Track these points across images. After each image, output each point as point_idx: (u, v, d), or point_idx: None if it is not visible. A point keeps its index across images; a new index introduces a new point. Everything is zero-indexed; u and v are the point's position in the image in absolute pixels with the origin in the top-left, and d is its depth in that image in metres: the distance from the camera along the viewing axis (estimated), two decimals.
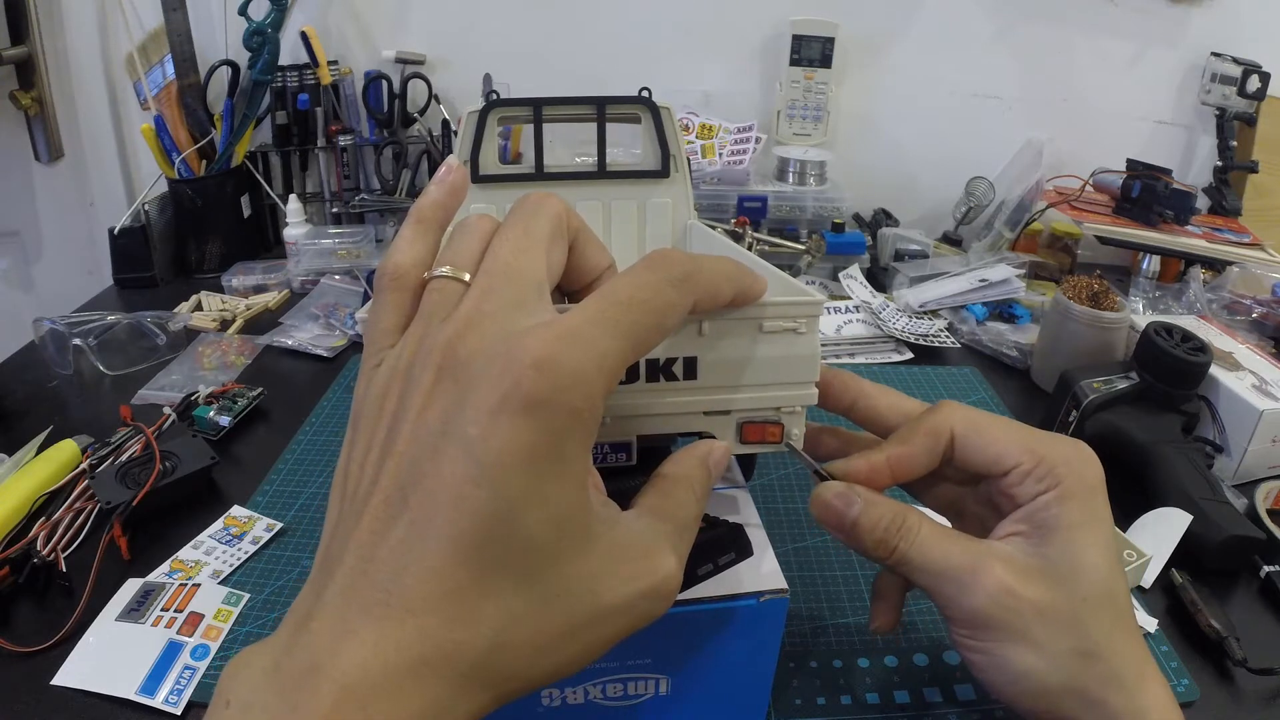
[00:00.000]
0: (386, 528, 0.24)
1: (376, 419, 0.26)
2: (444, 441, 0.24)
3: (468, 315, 0.26)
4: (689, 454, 0.32)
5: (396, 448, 0.25)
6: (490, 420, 0.23)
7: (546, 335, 0.24)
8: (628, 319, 0.26)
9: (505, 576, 0.24)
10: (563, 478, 0.24)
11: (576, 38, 1.09)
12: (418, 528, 0.23)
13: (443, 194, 0.31)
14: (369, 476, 0.25)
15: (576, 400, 0.24)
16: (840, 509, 0.35)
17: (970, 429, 0.37)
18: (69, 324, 0.77)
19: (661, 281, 0.27)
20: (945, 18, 1.08)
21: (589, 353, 0.24)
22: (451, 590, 0.23)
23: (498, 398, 0.23)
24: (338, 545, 0.25)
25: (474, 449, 0.23)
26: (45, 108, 1.04)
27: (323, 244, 0.97)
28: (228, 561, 0.54)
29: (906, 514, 0.35)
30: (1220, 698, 0.46)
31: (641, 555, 0.27)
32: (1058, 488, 0.34)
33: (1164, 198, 0.96)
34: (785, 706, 0.44)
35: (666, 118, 0.55)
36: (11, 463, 0.62)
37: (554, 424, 0.24)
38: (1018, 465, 0.35)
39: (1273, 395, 0.63)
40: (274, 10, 0.97)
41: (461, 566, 0.23)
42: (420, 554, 0.23)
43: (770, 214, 0.99)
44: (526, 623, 0.24)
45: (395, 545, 0.23)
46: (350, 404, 0.28)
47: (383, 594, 0.23)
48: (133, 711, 0.44)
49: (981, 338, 0.84)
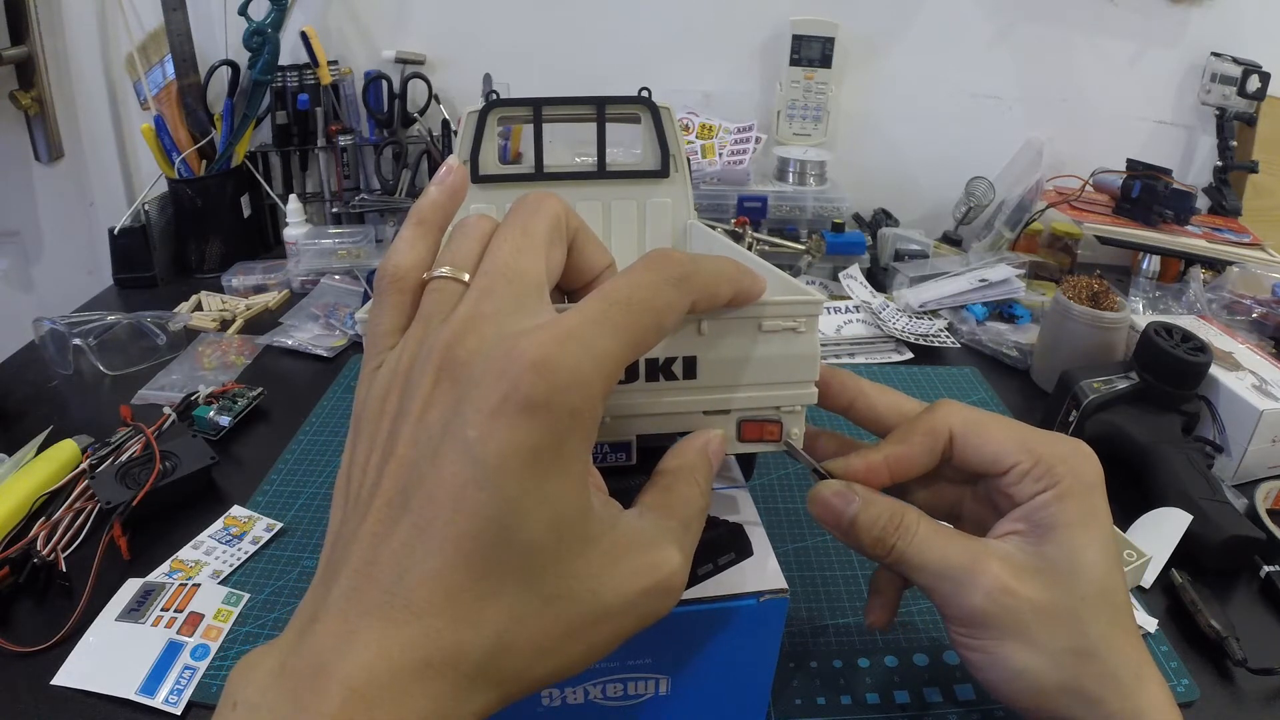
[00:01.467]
0: (389, 530, 0.24)
1: (377, 421, 0.26)
2: (444, 444, 0.24)
3: (466, 316, 0.26)
4: (688, 445, 0.32)
5: (397, 450, 0.25)
6: (489, 422, 0.23)
7: (545, 336, 0.24)
8: (626, 319, 0.26)
9: (507, 578, 0.24)
10: (563, 478, 0.24)
11: (576, 38, 1.09)
12: (420, 530, 0.23)
13: (443, 195, 0.31)
14: (370, 479, 0.25)
15: (576, 401, 0.24)
16: (838, 507, 0.35)
17: (969, 428, 0.37)
18: (69, 324, 0.77)
19: (660, 281, 0.27)
20: (945, 18, 1.08)
21: (588, 353, 0.24)
22: (454, 592, 0.23)
23: (497, 399, 0.23)
24: (341, 548, 0.25)
25: (474, 451, 0.23)
26: (45, 108, 1.04)
27: (323, 244, 0.97)
28: (228, 561, 0.54)
29: (905, 512, 0.35)
30: (1220, 698, 0.46)
31: (643, 553, 0.27)
32: (1056, 486, 0.34)
33: (1164, 198, 0.96)
34: (785, 706, 0.44)
35: (666, 118, 0.55)
36: (11, 463, 0.62)
37: (553, 425, 0.24)
38: (1016, 464, 0.35)
39: (1273, 395, 0.63)
40: (274, 10, 0.97)
41: (463, 568, 0.23)
42: (422, 556, 0.23)
43: (770, 214, 0.99)
44: (529, 623, 0.24)
45: (398, 547, 0.23)
46: (351, 404, 0.28)
47: (386, 596, 0.23)
48: (133, 711, 0.44)
49: (981, 338, 0.84)
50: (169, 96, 0.98)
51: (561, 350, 0.24)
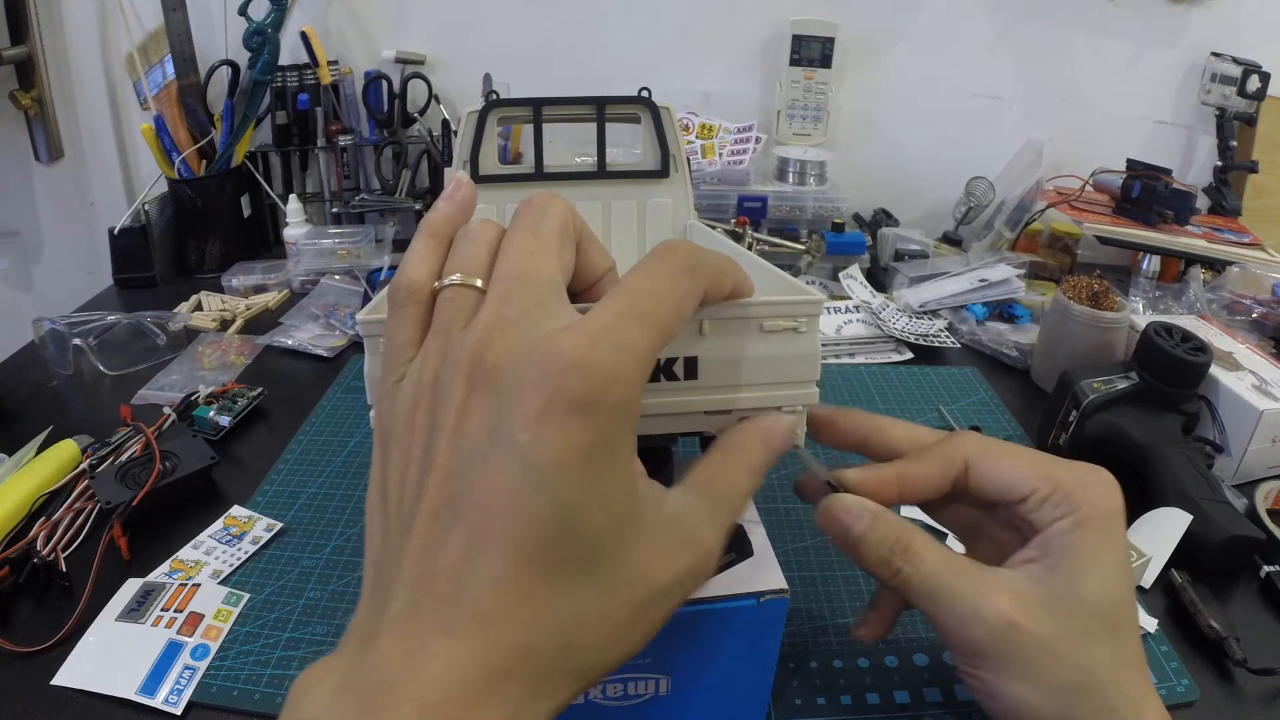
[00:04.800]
0: (440, 542, 0.24)
1: (409, 434, 0.26)
2: (492, 450, 0.24)
3: (490, 321, 0.26)
4: (753, 427, 0.32)
5: (437, 461, 0.25)
6: (539, 424, 0.23)
7: (579, 336, 0.24)
8: (653, 310, 0.26)
9: (570, 577, 0.24)
10: (614, 473, 0.25)
11: (576, 38, 1.09)
12: (476, 538, 0.23)
13: (452, 208, 0.31)
14: (411, 493, 0.25)
15: (619, 396, 0.24)
16: (846, 523, 0.35)
17: (983, 457, 0.36)
18: (69, 324, 0.77)
19: (676, 270, 0.28)
20: (945, 18, 1.08)
21: (623, 349, 0.25)
22: (519, 598, 0.23)
23: (542, 402, 0.23)
24: (389, 562, 0.25)
25: (526, 455, 0.23)
26: (45, 108, 1.04)
27: (323, 244, 0.97)
28: (228, 561, 0.54)
29: (913, 536, 0.35)
30: (1220, 698, 0.46)
31: (684, 531, 0.27)
32: (1074, 514, 0.34)
33: (1164, 198, 0.96)
34: (785, 706, 0.44)
35: (666, 118, 0.55)
36: (11, 463, 0.62)
37: (601, 422, 0.24)
38: (1034, 491, 0.35)
39: (1273, 395, 0.63)
40: (274, 10, 0.97)
41: (526, 573, 0.23)
42: (483, 565, 0.23)
43: (770, 214, 0.99)
44: (594, 617, 0.24)
45: (455, 558, 0.23)
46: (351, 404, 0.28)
47: (449, 607, 0.23)
48: (133, 711, 0.44)
49: (981, 338, 0.84)
50: (169, 96, 0.98)
51: (598, 348, 0.24)
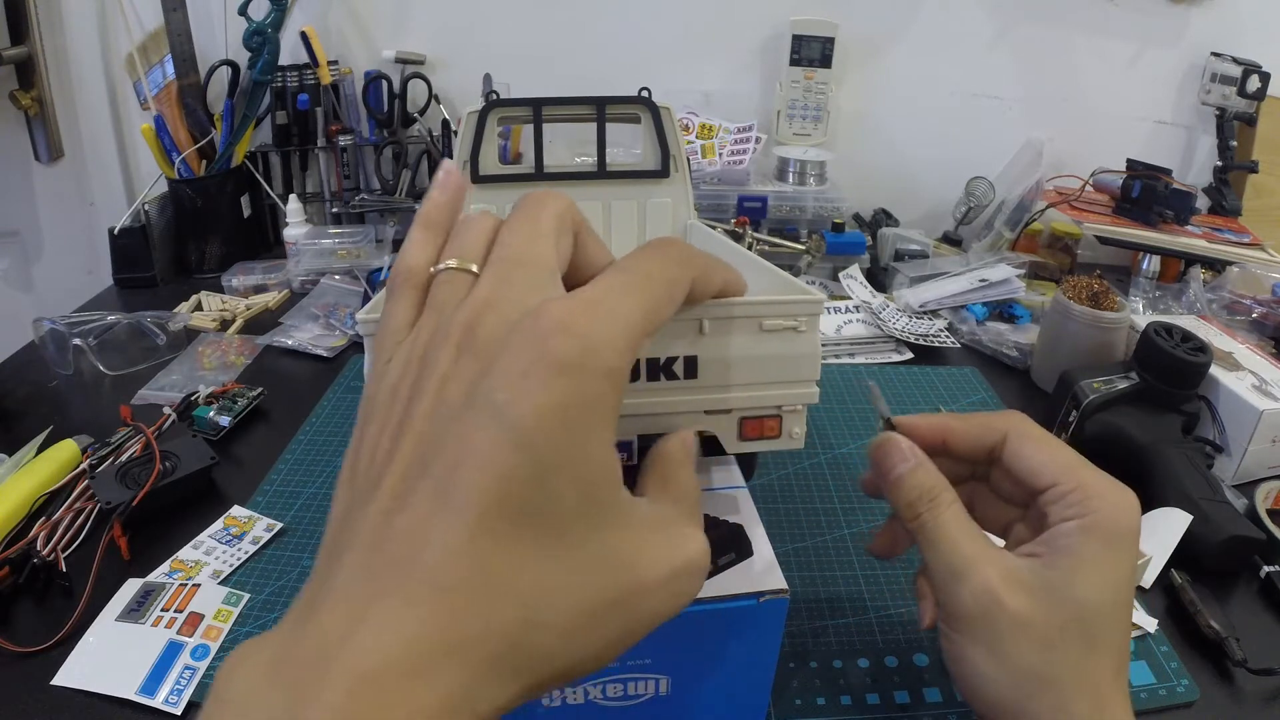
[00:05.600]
0: (404, 502, 0.22)
1: (389, 406, 0.25)
2: (469, 412, 0.23)
3: (485, 298, 0.25)
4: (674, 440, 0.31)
5: (414, 426, 0.24)
6: (520, 383, 0.22)
7: (570, 304, 0.24)
8: (645, 287, 0.26)
9: (536, 544, 0.22)
10: (594, 442, 0.23)
11: (576, 38, 1.09)
12: (442, 498, 0.22)
13: (445, 196, 0.31)
14: (381, 460, 0.24)
15: (608, 360, 0.24)
16: (894, 461, 0.37)
17: (1021, 436, 0.38)
18: (69, 324, 0.77)
19: (666, 258, 0.28)
20: (945, 18, 1.08)
21: (615, 318, 0.24)
22: (479, 563, 0.21)
23: (526, 362, 0.23)
24: (347, 530, 0.23)
25: (504, 413, 0.22)
26: (45, 108, 1.04)
27: (323, 244, 0.97)
28: (228, 561, 0.54)
29: (943, 490, 0.36)
30: (1220, 698, 0.46)
31: (671, 532, 0.27)
32: (1085, 518, 0.34)
33: (1164, 198, 0.96)
34: (785, 706, 0.44)
35: (666, 118, 0.55)
36: (11, 463, 0.62)
37: (585, 387, 0.23)
38: (1055, 484, 0.35)
39: (1273, 395, 0.63)
40: (274, 10, 0.97)
41: (489, 536, 0.21)
42: (444, 527, 0.21)
43: (770, 214, 0.99)
44: (559, 595, 0.23)
45: (417, 520, 0.22)
46: (352, 403, 0.28)
47: (403, 571, 0.21)
48: (133, 711, 0.44)
49: (981, 338, 0.84)
50: (169, 96, 0.98)
51: (590, 314, 0.24)
